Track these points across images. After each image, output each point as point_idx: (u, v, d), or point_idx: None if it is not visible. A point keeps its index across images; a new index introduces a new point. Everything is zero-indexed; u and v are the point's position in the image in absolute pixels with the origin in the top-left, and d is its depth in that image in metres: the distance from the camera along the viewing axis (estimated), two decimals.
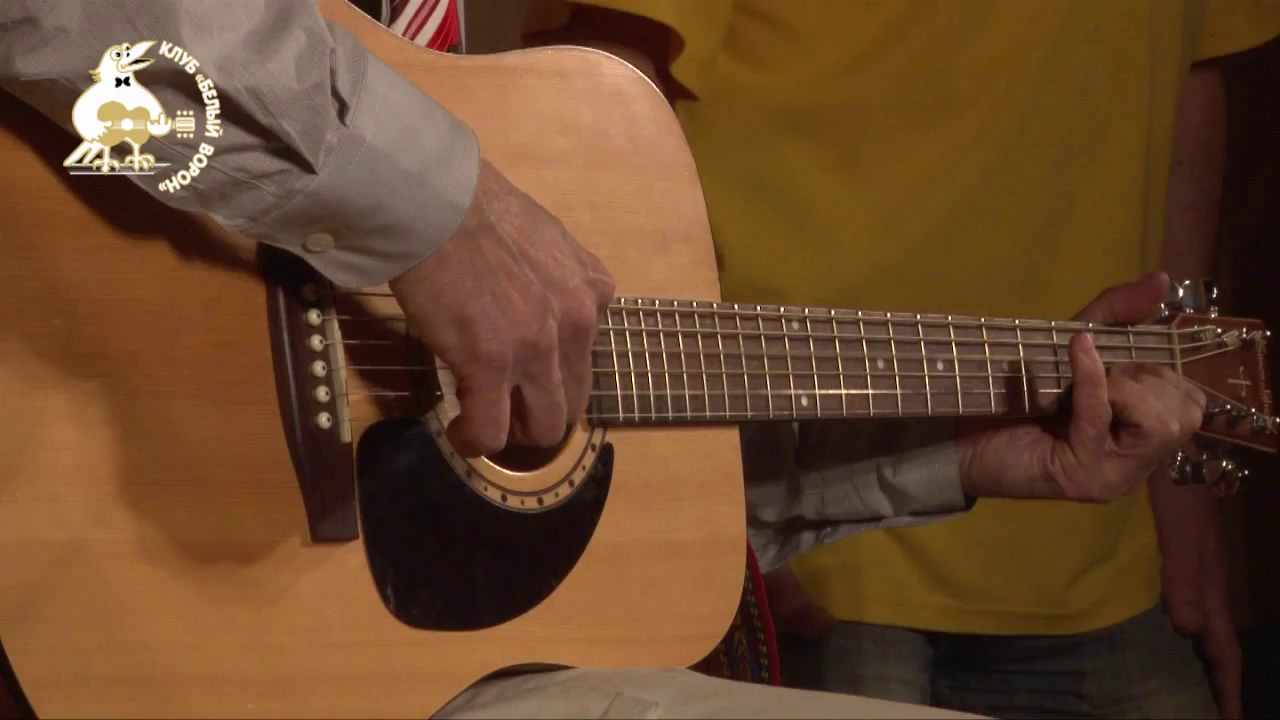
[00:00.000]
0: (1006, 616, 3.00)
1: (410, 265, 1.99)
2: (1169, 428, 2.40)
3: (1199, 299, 2.52)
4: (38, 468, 1.93)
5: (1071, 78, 2.98)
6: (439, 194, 1.98)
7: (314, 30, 1.93)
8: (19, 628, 1.91)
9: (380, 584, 2.07)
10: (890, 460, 2.46)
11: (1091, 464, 2.43)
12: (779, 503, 2.43)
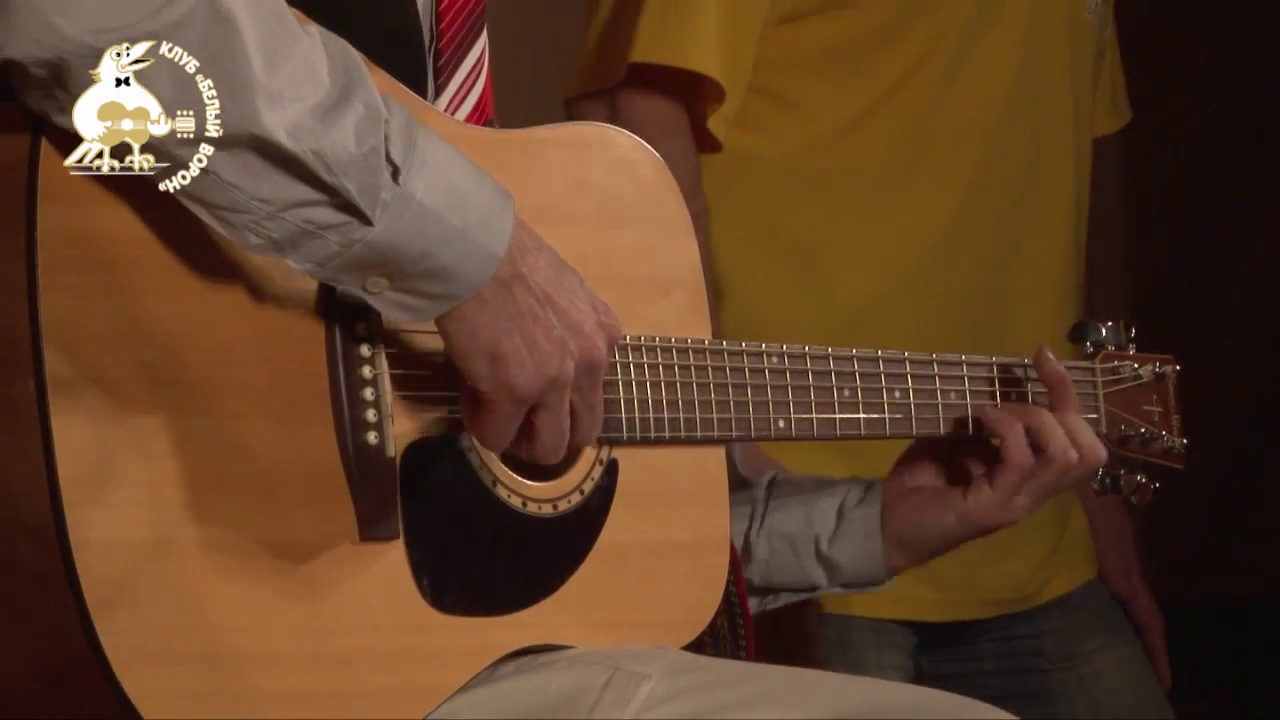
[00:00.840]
0: (983, 602, 3.01)
1: (453, 305, 2.00)
2: (1068, 457, 2.41)
3: (1119, 338, 2.54)
4: (128, 476, 1.95)
5: (1019, 137, 2.99)
6: (479, 246, 1.98)
7: (371, 104, 1.93)
8: (108, 612, 1.92)
9: (417, 577, 2.08)
10: (827, 535, 2.45)
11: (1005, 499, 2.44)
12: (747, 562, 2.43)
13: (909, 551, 2.47)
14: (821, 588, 2.48)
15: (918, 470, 2.49)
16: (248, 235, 1.92)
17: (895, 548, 2.46)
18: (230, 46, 1.87)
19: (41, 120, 1.92)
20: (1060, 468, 2.41)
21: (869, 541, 2.45)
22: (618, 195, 2.27)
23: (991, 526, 2.45)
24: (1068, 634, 3.15)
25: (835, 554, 2.45)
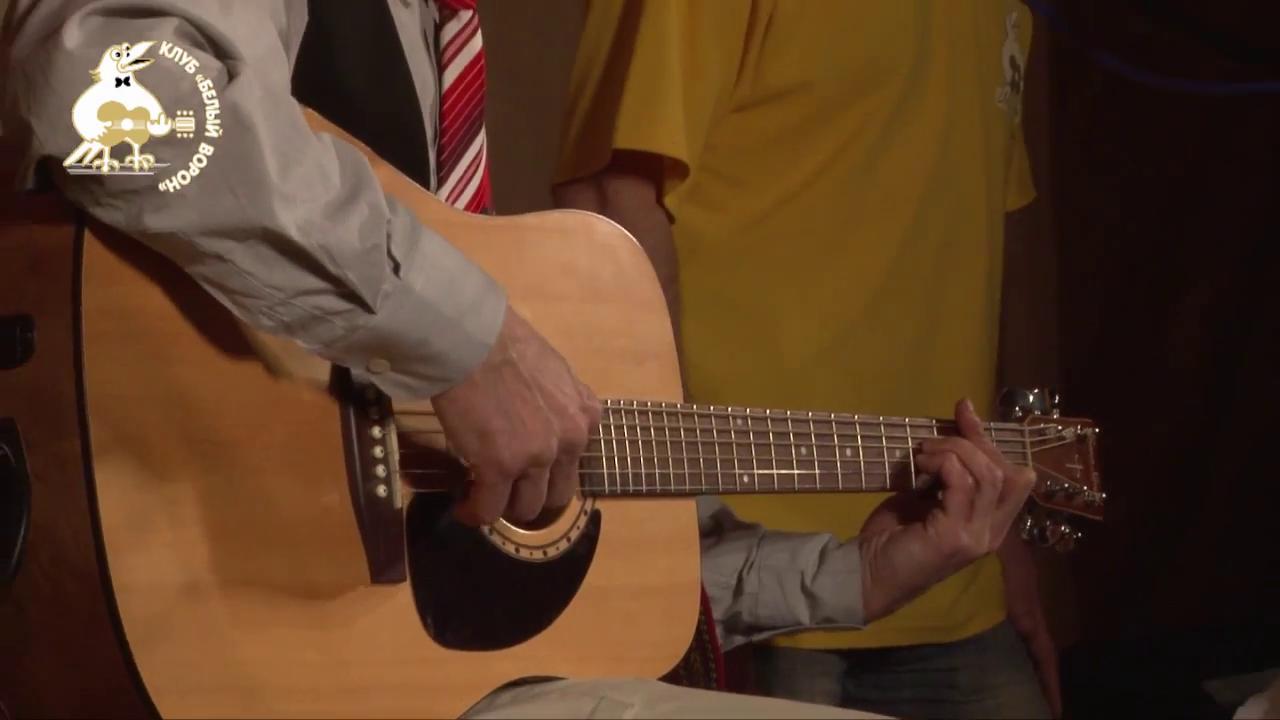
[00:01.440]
0: (903, 630, 2.98)
1: (447, 387, 2.00)
2: (995, 473, 2.42)
3: (1045, 403, 2.55)
4: (164, 525, 1.95)
5: (939, 209, 3.00)
6: (471, 335, 1.99)
7: (376, 205, 1.93)
8: (147, 647, 1.92)
9: (423, 616, 2.08)
10: (811, 571, 2.45)
11: (961, 524, 2.43)
12: (725, 602, 2.44)
13: (886, 587, 2.47)
14: (804, 623, 2.47)
15: (887, 519, 2.49)
16: (261, 318, 1.93)
17: (874, 584, 2.46)
18: (249, 151, 1.88)
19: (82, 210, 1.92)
20: (991, 484, 2.42)
21: (849, 577, 2.45)
22: (599, 276, 2.27)
23: (955, 550, 2.44)
24: (979, 669, 3.14)
25: (818, 589, 2.45)
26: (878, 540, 2.47)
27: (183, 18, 1.89)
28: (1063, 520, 2.52)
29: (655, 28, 2.83)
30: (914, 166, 2.96)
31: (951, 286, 3.01)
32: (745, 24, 2.86)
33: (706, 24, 2.84)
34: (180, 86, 1.87)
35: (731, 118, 2.89)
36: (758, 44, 2.87)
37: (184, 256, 1.92)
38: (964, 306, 3.03)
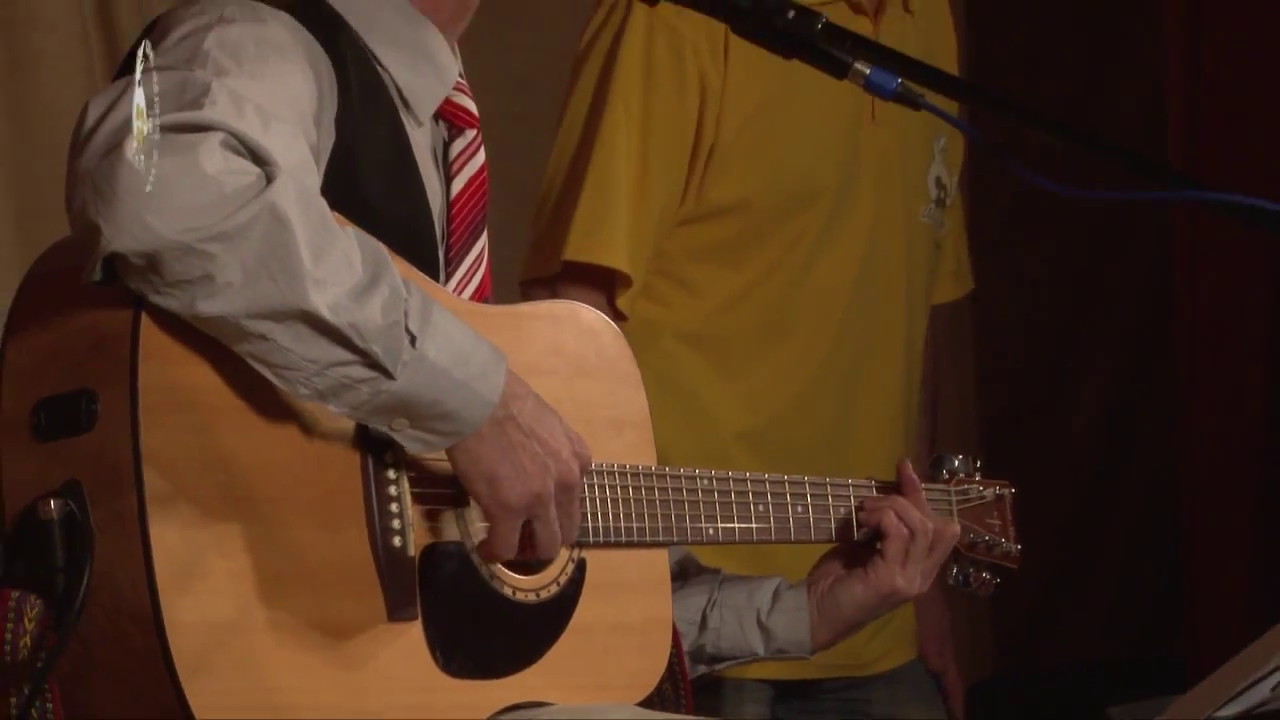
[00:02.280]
0: (825, 666, 2.95)
1: (459, 439, 2.01)
2: (926, 525, 2.42)
3: (968, 467, 2.55)
4: (208, 572, 1.96)
5: (863, 311, 2.98)
6: (478, 395, 1.99)
7: (395, 287, 1.95)
8: (194, 678, 1.92)
9: (432, 649, 2.08)
10: (766, 609, 2.44)
11: (897, 569, 2.43)
12: (691, 636, 2.42)
13: (831, 623, 2.46)
14: (759, 654, 2.46)
15: (833, 565, 2.48)
16: (299, 387, 1.94)
17: (820, 620, 2.46)
18: (286, 243, 1.89)
19: (141, 298, 1.93)
20: (923, 534, 2.42)
21: (799, 614, 2.44)
22: (584, 356, 2.28)
23: (892, 591, 2.43)
24: (891, 701, 3.11)
25: (772, 624, 2.44)
26: (824, 583, 2.46)
27: (228, 132, 1.90)
28: (984, 568, 2.52)
29: (608, 150, 2.84)
30: (840, 277, 2.96)
31: (868, 379, 3.01)
32: (690, 149, 2.86)
33: (655, 149, 2.84)
34: (227, 189, 1.88)
35: (679, 229, 2.89)
36: (701, 167, 2.88)
37: (231, 336, 1.92)
38: (880, 396, 3.03)
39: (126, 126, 1.89)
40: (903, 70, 2.13)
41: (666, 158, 2.86)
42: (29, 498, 1.97)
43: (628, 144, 2.84)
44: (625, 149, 2.84)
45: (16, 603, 1.96)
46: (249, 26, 2.04)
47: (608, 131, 2.84)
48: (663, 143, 2.86)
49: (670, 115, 2.84)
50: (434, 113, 2.23)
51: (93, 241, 1.88)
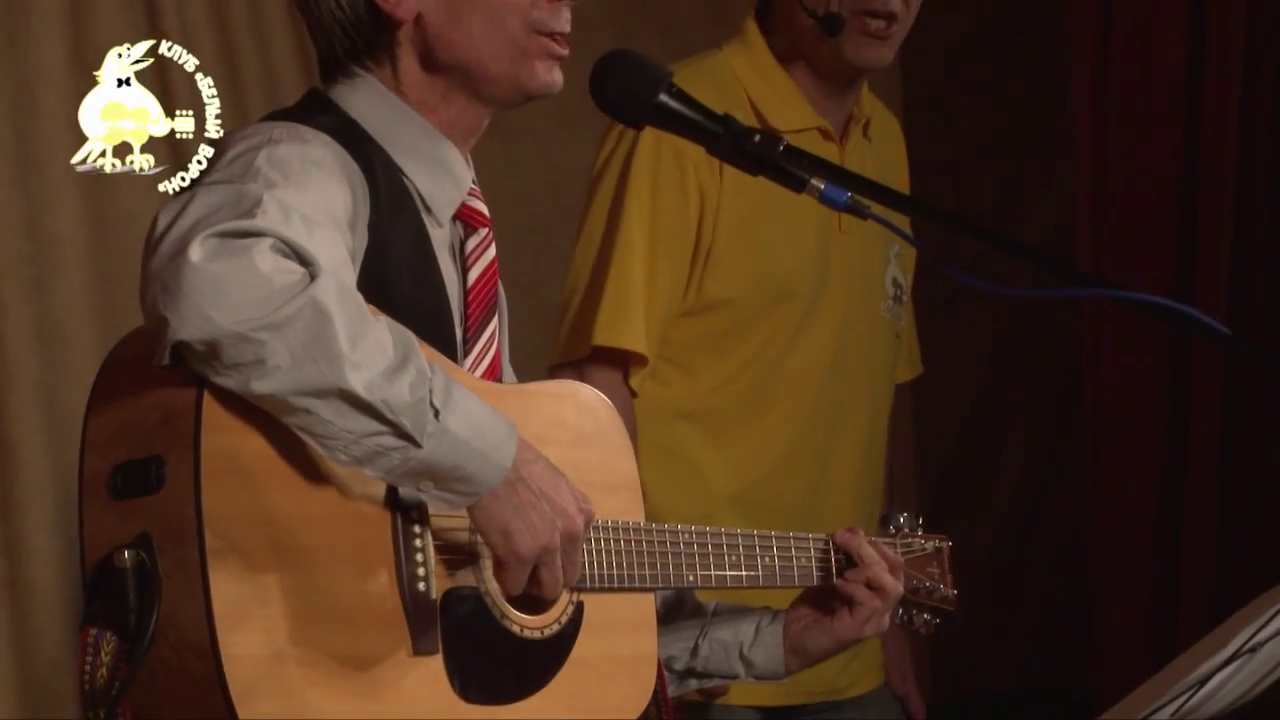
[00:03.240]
0: (807, 693, 2.95)
1: (476, 499, 2.00)
2: (897, 589, 2.42)
3: (912, 523, 2.54)
4: (259, 612, 1.95)
5: (833, 392, 2.98)
6: (493, 461, 1.99)
7: (421, 368, 1.94)
8: (246, 703, 1.92)
9: (450, 679, 2.06)
10: (748, 642, 2.43)
11: (860, 626, 2.42)
12: (685, 659, 2.41)
13: (800, 658, 2.44)
14: (740, 677, 2.45)
15: (806, 606, 2.46)
16: (338, 454, 1.94)
17: (791, 654, 2.44)
18: (327, 331, 1.89)
19: (203, 378, 1.93)
20: (891, 600, 2.42)
21: (775, 649, 2.43)
22: (583, 428, 2.27)
23: (854, 640, 2.44)
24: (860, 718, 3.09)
25: (752, 655, 2.43)
26: (796, 627, 2.44)
27: (277, 238, 1.91)
28: (925, 610, 2.52)
29: (625, 253, 2.85)
30: (814, 362, 2.96)
31: (837, 450, 3.00)
32: (691, 253, 2.88)
33: (664, 250, 2.86)
34: (275, 285, 1.88)
35: (680, 320, 2.90)
36: (700, 268, 2.89)
37: (280, 410, 1.92)
38: (847, 464, 3.02)
39: (191, 232, 1.90)
40: (854, 187, 2.14)
41: (673, 258, 2.87)
42: (106, 548, 1.96)
43: (642, 246, 2.85)
44: (640, 251, 2.85)
45: (95, 638, 1.95)
46: (294, 146, 2.05)
47: (624, 237, 2.85)
48: (670, 245, 2.87)
49: (675, 221, 2.86)
50: (452, 215, 2.24)
51: (162, 331, 1.89)
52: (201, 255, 1.87)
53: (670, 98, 2.17)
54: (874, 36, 2.86)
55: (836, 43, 2.85)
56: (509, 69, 2.19)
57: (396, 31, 2.18)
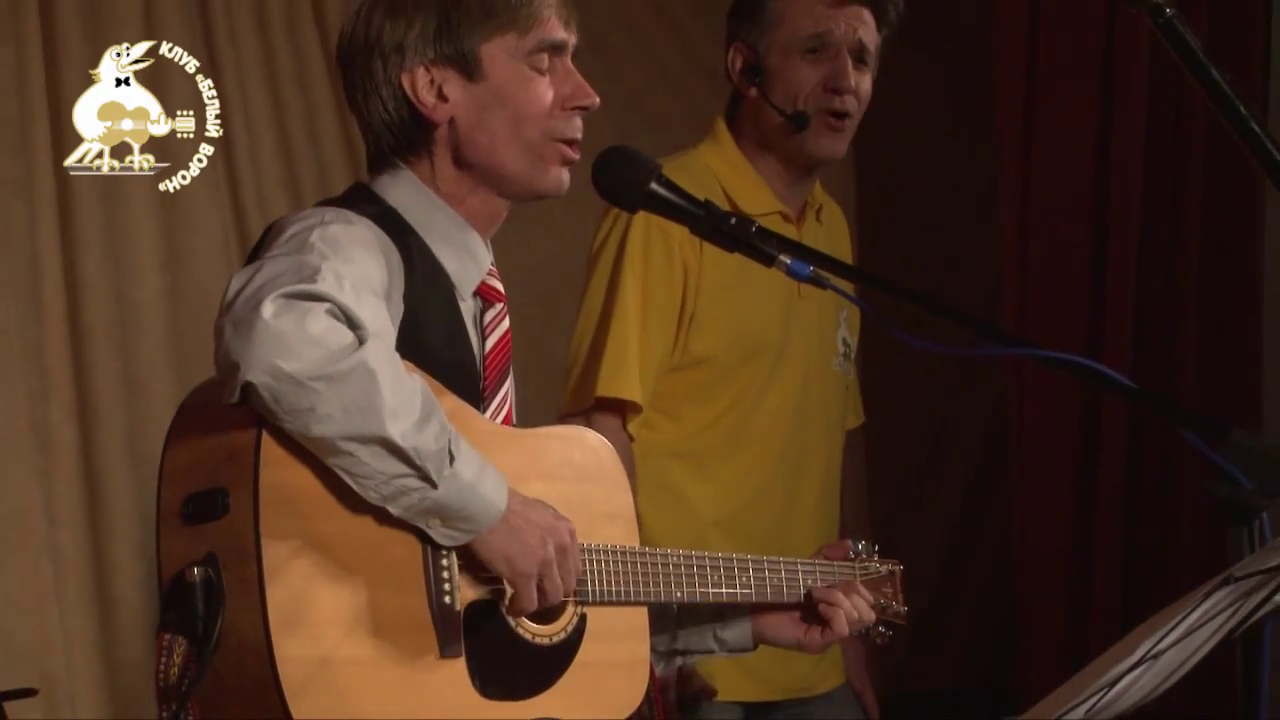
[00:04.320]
0: (783, 690, 2.93)
1: (477, 535, 2.01)
2: (865, 616, 2.41)
3: (869, 549, 2.52)
4: (308, 621, 1.94)
5: (797, 436, 2.96)
6: (491, 504, 1.99)
7: (441, 421, 1.95)
8: (297, 699, 1.91)
9: (472, 679, 2.05)
10: (720, 625, 2.40)
11: (831, 637, 2.40)
12: (666, 641, 2.37)
13: (763, 638, 2.41)
14: (715, 652, 2.42)
15: (774, 608, 2.42)
16: (370, 492, 1.94)
17: (755, 637, 2.41)
18: (373, 388, 1.89)
19: (263, 421, 1.93)
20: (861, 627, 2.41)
21: (744, 629, 2.39)
22: (587, 466, 2.25)
23: (814, 652, 2.43)
24: (827, 714, 3.04)
25: (724, 635, 2.39)
26: (767, 621, 2.41)
27: (332, 302, 1.91)
28: (881, 624, 2.49)
29: (622, 318, 2.84)
30: (781, 409, 2.94)
31: (802, 483, 2.99)
32: (677, 318, 2.87)
33: (654, 316, 2.85)
34: (332, 346, 1.89)
35: (668, 375, 2.89)
36: (685, 329, 2.88)
37: (326, 452, 1.92)
38: (810, 495, 3.00)
39: (261, 292, 1.90)
40: (813, 260, 2.14)
41: (663, 322, 2.86)
42: (179, 566, 1.96)
43: (636, 313, 2.84)
44: (634, 317, 2.84)
45: (168, 643, 1.94)
46: (342, 227, 2.05)
47: (621, 305, 2.84)
48: (659, 311, 2.86)
49: (664, 291, 2.85)
50: (474, 290, 2.23)
51: (233, 374, 1.89)
52: (271, 312, 1.88)
53: (660, 186, 2.17)
54: (832, 130, 2.86)
55: (802, 137, 2.86)
56: (525, 170, 2.19)
57: (433, 132, 2.18)
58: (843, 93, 2.83)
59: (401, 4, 2.17)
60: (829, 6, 2.83)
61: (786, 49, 2.84)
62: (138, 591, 3.41)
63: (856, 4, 2.83)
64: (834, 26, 2.82)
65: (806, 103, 2.84)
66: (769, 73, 2.86)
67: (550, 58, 2.18)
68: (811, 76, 2.84)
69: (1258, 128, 1.31)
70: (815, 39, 2.83)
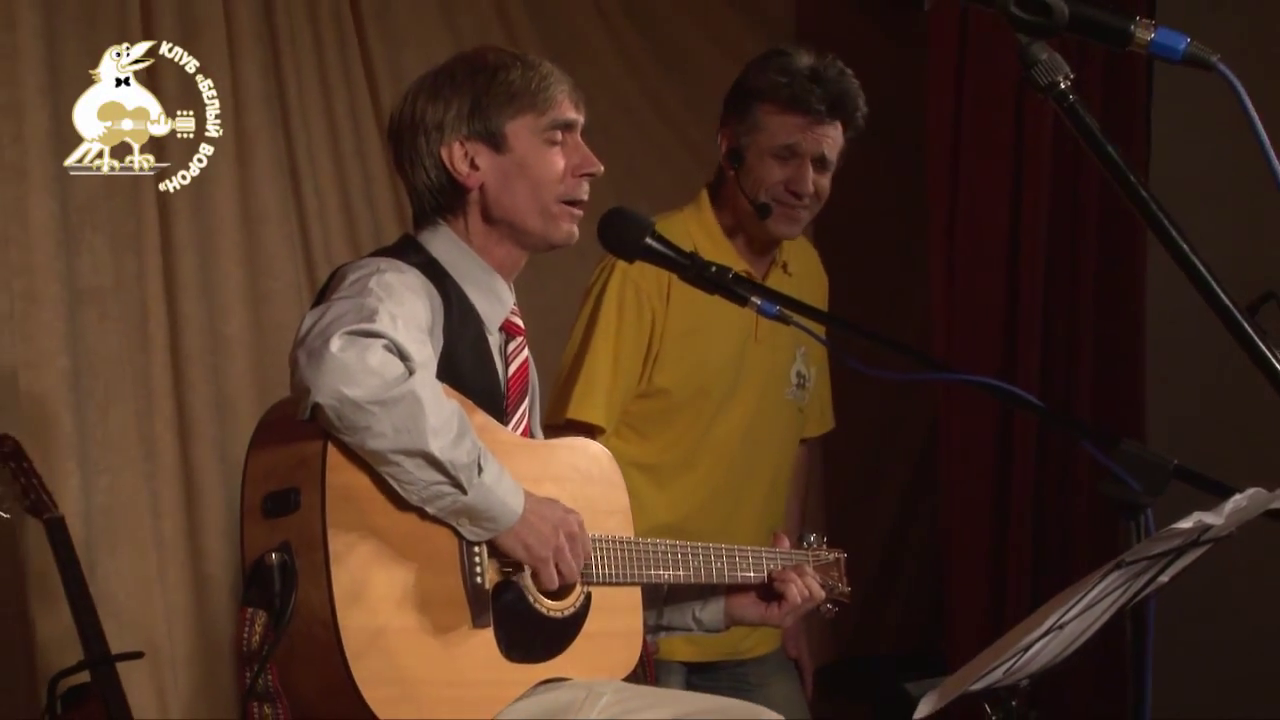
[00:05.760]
0: (722, 652, 2.89)
1: (499, 533, 2.00)
2: (816, 594, 2.38)
3: (820, 540, 2.51)
4: (366, 597, 1.93)
5: (747, 453, 2.92)
6: (510, 508, 1.98)
7: (473, 439, 1.94)
8: (357, 661, 1.90)
9: (499, 645, 2.04)
10: (699, 605, 2.39)
11: (786, 618, 2.39)
12: (654, 618, 2.36)
13: (732, 620, 2.40)
14: (692, 630, 2.41)
15: (743, 589, 2.41)
16: (412, 495, 1.93)
17: (727, 616, 2.39)
18: (419, 412, 1.88)
19: (329, 435, 1.91)
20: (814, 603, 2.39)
21: (718, 612, 2.38)
22: (591, 471, 2.24)
23: (778, 624, 2.40)
24: (762, 673, 2.99)
25: (701, 616, 2.39)
26: (737, 602, 2.40)
27: (388, 339, 1.91)
28: (829, 602, 2.47)
29: (595, 353, 2.80)
30: (729, 435, 2.90)
31: (745, 496, 2.94)
32: (644, 354, 2.83)
33: (624, 353, 2.81)
34: (387, 376, 1.88)
35: (637, 400, 2.85)
36: (650, 364, 2.84)
37: (379, 462, 1.91)
38: (752, 506, 2.95)
39: (329, 329, 1.90)
40: (781, 302, 2.13)
41: (631, 358, 2.82)
42: (259, 552, 1.95)
43: (607, 349, 2.80)
44: (605, 354, 2.80)
45: (250, 615, 1.93)
46: (395, 275, 2.05)
47: (596, 342, 2.81)
48: (629, 350, 2.82)
49: (633, 334, 2.81)
50: (500, 326, 2.23)
51: (305, 396, 1.88)
52: (338, 346, 1.87)
53: (653, 240, 2.16)
54: (789, 219, 2.84)
55: (764, 222, 2.85)
56: (541, 226, 2.19)
57: (467, 195, 2.19)
58: (801, 195, 2.81)
59: (441, 90, 2.17)
60: (801, 124, 2.79)
61: (761, 150, 2.82)
62: (225, 573, 3.40)
63: (825, 124, 2.80)
64: (802, 140, 2.79)
65: (769, 195, 2.82)
66: (745, 162, 2.84)
67: (563, 133, 2.19)
68: (778, 175, 2.81)
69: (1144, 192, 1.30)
70: (785, 149, 2.80)
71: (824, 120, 2.80)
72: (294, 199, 3.57)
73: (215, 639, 3.41)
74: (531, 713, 2.04)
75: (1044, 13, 1.28)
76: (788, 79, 2.79)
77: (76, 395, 3.21)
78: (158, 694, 3.30)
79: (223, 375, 3.45)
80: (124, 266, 3.34)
